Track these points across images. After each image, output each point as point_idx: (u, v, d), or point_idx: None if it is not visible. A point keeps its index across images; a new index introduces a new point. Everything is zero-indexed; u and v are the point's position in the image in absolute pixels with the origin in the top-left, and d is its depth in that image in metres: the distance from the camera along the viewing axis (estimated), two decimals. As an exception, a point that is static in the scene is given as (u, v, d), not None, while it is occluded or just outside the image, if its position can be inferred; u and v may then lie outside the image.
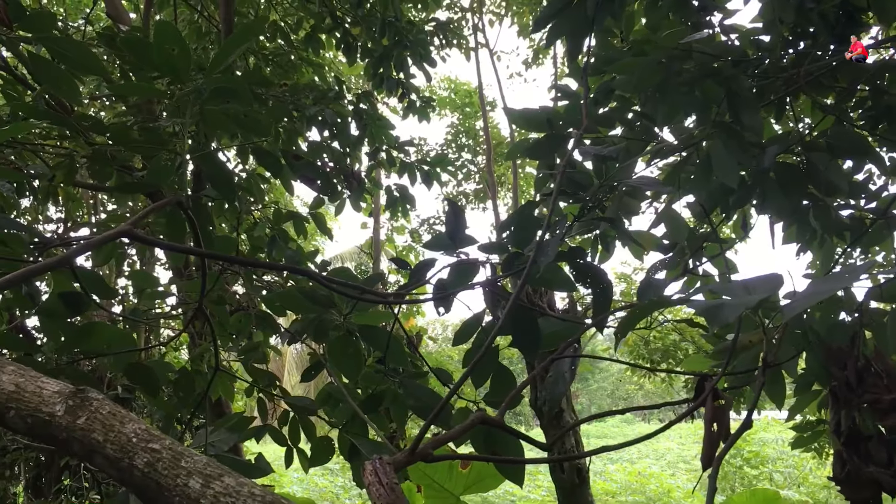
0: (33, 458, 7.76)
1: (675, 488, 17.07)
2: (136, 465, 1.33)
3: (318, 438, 3.07)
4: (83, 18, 7.81)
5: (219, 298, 3.16)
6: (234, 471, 2.61)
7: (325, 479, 18.62)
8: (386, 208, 6.22)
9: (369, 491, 1.41)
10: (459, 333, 2.97)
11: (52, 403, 1.42)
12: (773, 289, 1.48)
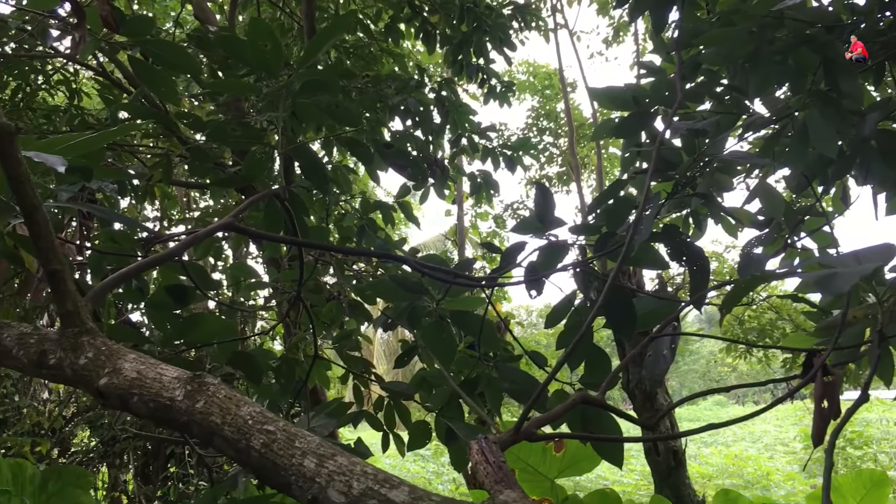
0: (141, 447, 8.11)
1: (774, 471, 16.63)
2: (253, 446, 1.38)
3: (415, 423, 3.12)
4: (172, 21, 8.09)
5: (315, 287, 3.24)
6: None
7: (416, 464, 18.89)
8: (470, 195, 6.24)
9: (476, 470, 1.42)
10: (551, 316, 2.96)
11: (171, 389, 1.49)
12: (887, 258, 1.42)
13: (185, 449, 7.56)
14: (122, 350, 1.60)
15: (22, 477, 4.46)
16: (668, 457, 6.04)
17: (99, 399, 1.54)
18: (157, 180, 4.72)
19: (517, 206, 17.61)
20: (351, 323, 3.96)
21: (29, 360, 1.66)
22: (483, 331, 2.83)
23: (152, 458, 7.99)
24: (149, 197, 5.75)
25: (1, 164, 1.54)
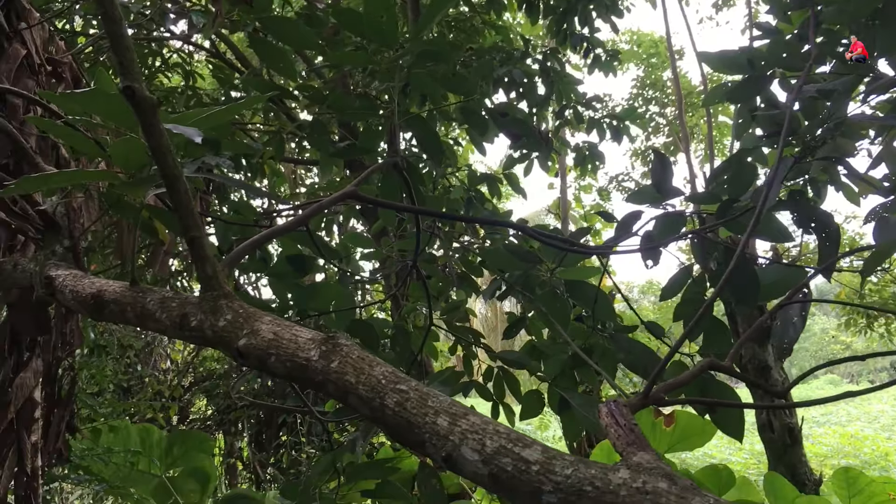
0: (255, 416, 8.45)
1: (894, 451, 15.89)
2: (387, 405, 1.42)
3: (528, 392, 3.13)
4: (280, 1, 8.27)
5: (430, 257, 3.28)
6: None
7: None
8: (575, 166, 6.17)
9: (607, 432, 1.42)
10: (667, 288, 2.91)
11: (307, 349, 1.54)
12: None
13: (296, 418, 7.82)
14: (259, 313, 1.66)
15: (149, 440, 4.71)
16: (783, 434, 5.84)
17: (238, 359, 1.61)
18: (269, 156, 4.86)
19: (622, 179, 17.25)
20: (460, 294, 3.99)
21: (171, 323, 1.75)
22: (599, 300, 2.81)
23: (265, 426, 8.30)
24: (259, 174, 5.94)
25: (144, 135, 1.62)
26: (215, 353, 9.23)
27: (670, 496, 1.21)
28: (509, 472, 1.29)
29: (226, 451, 8.73)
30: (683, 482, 1.24)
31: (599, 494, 1.23)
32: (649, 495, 1.21)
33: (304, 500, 3.08)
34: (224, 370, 8.94)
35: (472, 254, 4.22)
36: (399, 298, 4.45)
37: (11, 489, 2.89)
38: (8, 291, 2.73)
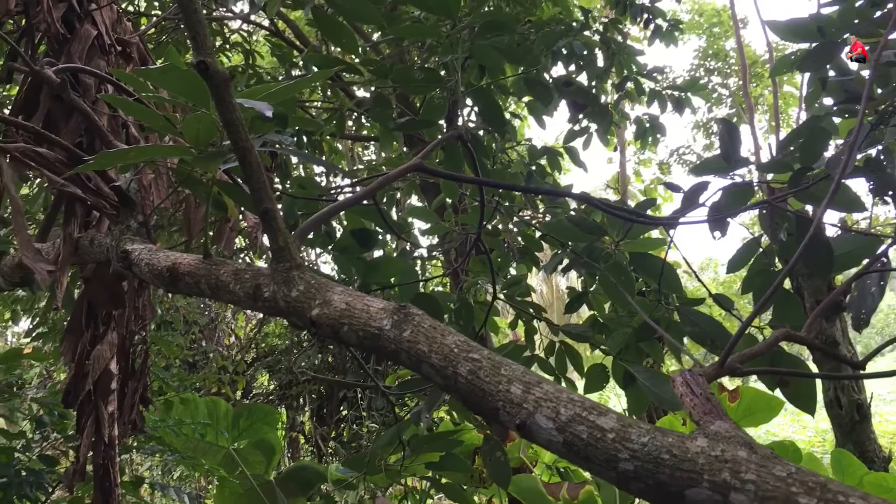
0: (316, 391, 8.60)
1: (966, 429, 15.44)
2: (460, 373, 1.43)
3: (592, 366, 3.11)
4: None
5: (493, 230, 3.28)
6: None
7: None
8: (635, 139, 6.07)
9: (682, 402, 1.41)
10: (735, 260, 2.86)
11: (379, 319, 1.56)
12: None
13: (356, 393, 7.93)
14: (330, 283, 1.69)
15: (217, 413, 4.83)
16: (851, 410, 5.71)
17: (311, 329, 1.63)
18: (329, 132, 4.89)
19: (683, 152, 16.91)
20: (521, 268, 3.98)
21: (245, 294, 1.79)
22: (665, 272, 2.77)
23: (326, 401, 8.45)
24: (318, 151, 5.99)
25: (217, 109, 1.64)
26: (277, 329, 9.41)
27: (750, 464, 1.19)
28: (584, 440, 1.29)
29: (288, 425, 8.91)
30: (764, 451, 1.22)
31: (677, 462, 1.22)
32: (728, 463, 1.20)
33: (369, 471, 3.13)
34: (285, 346, 9.11)
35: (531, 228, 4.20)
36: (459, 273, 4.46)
37: (90, 458, 3.00)
38: (84, 266, 2.82)
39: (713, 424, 1.30)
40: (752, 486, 1.17)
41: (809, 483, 1.15)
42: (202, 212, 3.16)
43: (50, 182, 2.38)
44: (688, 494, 1.21)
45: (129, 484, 3.44)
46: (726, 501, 1.18)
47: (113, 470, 2.88)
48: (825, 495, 1.12)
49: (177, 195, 3.59)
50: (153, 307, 3.18)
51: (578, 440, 1.29)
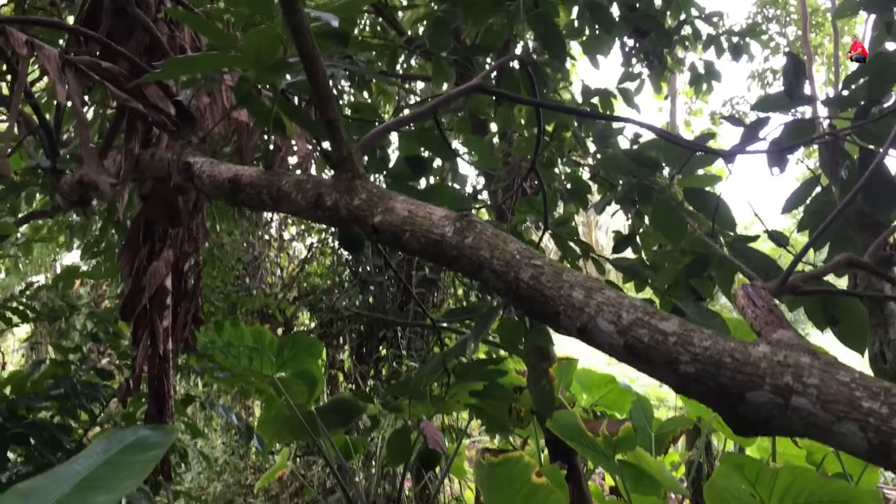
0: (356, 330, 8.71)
1: None
2: (522, 279, 1.45)
3: (640, 301, 3.11)
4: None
5: (547, 161, 3.27)
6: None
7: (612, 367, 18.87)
8: (690, 84, 5.95)
9: (744, 314, 1.41)
10: (792, 199, 2.82)
11: (441, 226, 1.57)
12: None
13: (396, 332, 8.02)
14: (392, 192, 1.71)
15: (262, 342, 4.92)
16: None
17: (374, 236, 1.66)
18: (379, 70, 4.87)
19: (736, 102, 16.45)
20: (569, 208, 3.96)
21: (307, 203, 1.82)
22: (720, 208, 2.75)
23: (366, 339, 8.55)
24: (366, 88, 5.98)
25: (285, 13, 1.65)
26: (319, 269, 9.51)
27: (813, 369, 1.20)
28: (645, 343, 1.30)
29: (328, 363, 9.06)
30: (827, 357, 1.22)
31: (738, 366, 1.23)
32: (791, 368, 1.21)
33: (415, 396, 3.18)
34: (327, 286, 9.21)
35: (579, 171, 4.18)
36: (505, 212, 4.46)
37: (145, 376, 3.10)
38: (142, 183, 2.88)
39: (776, 333, 1.30)
40: (814, 389, 1.17)
41: (874, 388, 1.15)
42: (255, 138, 3.19)
43: (113, 96, 2.42)
44: (748, 397, 1.22)
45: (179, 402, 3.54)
46: (788, 404, 1.19)
47: (167, 382, 2.97)
48: (889, 399, 1.13)
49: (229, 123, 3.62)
50: (206, 229, 3.25)
51: (639, 343, 1.31)
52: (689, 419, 5.63)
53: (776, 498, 3.40)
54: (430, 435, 2.97)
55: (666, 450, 5.71)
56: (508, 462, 2.64)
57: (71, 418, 3.15)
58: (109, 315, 3.56)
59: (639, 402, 5.38)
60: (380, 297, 8.42)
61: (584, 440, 3.83)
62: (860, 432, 1.12)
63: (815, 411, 1.16)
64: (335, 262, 9.04)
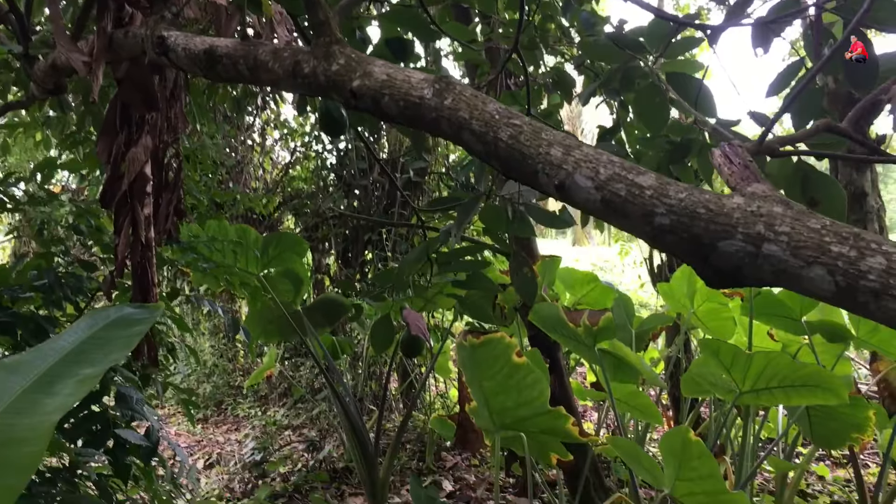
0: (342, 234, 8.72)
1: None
2: (501, 138, 1.44)
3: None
4: None
5: (530, 42, 3.22)
6: (543, 218, 2.74)
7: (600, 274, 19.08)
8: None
9: (720, 171, 1.42)
10: (776, 82, 2.80)
11: (420, 88, 1.56)
12: None
13: (381, 235, 8.04)
14: (370, 57, 1.68)
15: (246, 239, 4.91)
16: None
17: (352, 101, 1.64)
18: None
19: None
20: (553, 98, 3.93)
21: (284, 72, 1.79)
22: (702, 93, 2.73)
23: (352, 243, 8.57)
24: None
25: None
26: (303, 174, 9.45)
27: (785, 218, 1.21)
28: (622, 197, 1.31)
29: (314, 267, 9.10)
30: (799, 207, 1.24)
31: (712, 216, 1.25)
32: (763, 217, 1.22)
33: (398, 285, 3.21)
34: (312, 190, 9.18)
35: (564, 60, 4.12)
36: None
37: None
38: (117, 66, 2.82)
39: (750, 186, 1.31)
40: (785, 237, 1.19)
41: (843, 233, 1.17)
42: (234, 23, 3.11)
43: (83, -29, 2.34)
44: (720, 246, 1.24)
45: (165, 296, 3.56)
46: (759, 252, 1.21)
47: (150, 271, 2.98)
48: (858, 243, 1.15)
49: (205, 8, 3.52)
50: (186, 117, 3.20)
51: (616, 197, 1.32)
52: (669, 316, 5.74)
53: (750, 381, 3.50)
54: (413, 321, 3.01)
55: (646, 346, 5.84)
56: (490, 343, 2.69)
57: (56, 309, 3.17)
58: (91, 207, 3.55)
59: (620, 299, 5.46)
60: (365, 201, 8.41)
61: (565, 331, 3.90)
62: (828, 276, 1.15)
63: (785, 258, 1.18)
64: (319, 167, 8.97)
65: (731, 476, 4.50)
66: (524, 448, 3.00)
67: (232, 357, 9.61)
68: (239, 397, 8.89)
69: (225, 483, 5.93)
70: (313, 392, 7.63)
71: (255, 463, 6.14)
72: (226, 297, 9.22)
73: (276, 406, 8.19)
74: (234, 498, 5.60)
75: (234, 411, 8.47)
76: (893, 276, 1.09)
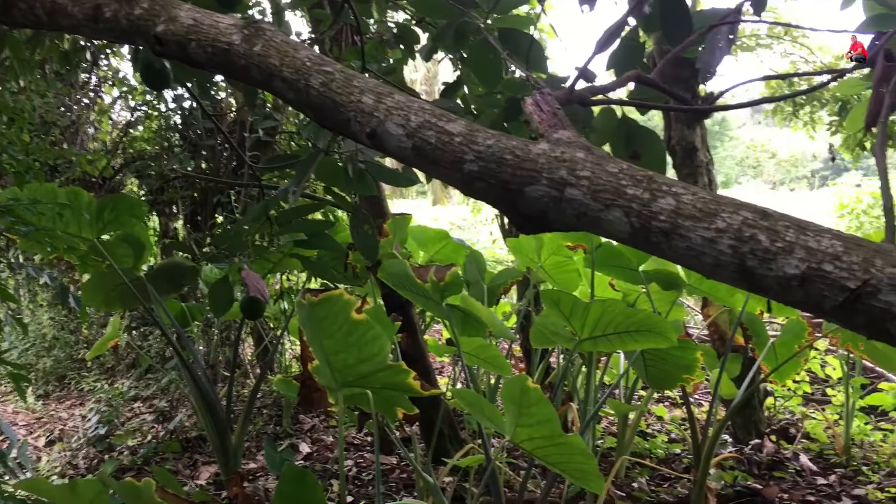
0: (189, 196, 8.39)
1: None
2: (312, 86, 1.41)
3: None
4: None
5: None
6: (384, 176, 2.72)
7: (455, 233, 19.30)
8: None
9: (531, 119, 1.44)
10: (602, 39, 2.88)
11: (229, 34, 1.49)
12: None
13: (230, 197, 7.80)
14: (176, 1, 1.59)
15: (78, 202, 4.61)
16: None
17: (157, 47, 1.55)
18: None
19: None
20: (395, 54, 3.89)
21: (84, 16, 1.67)
22: (533, 50, 2.77)
23: (200, 207, 8.26)
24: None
25: None
26: (146, 134, 9.00)
27: (586, 163, 1.25)
28: (433, 144, 1.31)
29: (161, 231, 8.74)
30: (600, 152, 1.28)
31: (519, 162, 1.27)
32: (566, 163, 1.25)
33: (236, 247, 3.12)
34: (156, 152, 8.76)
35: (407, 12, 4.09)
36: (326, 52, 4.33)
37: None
38: None
39: (556, 133, 1.34)
40: (586, 181, 1.23)
41: (638, 176, 1.21)
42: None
43: None
44: (527, 191, 1.26)
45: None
46: (562, 196, 1.24)
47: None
48: (651, 185, 1.19)
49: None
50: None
51: (427, 145, 1.31)
52: (519, 271, 5.89)
53: (588, 329, 3.65)
54: (252, 283, 2.93)
55: (498, 300, 5.99)
56: (329, 300, 2.66)
57: None
58: None
59: (472, 256, 5.55)
60: (213, 162, 8.11)
61: (413, 287, 3.92)
62: (624, 217, 1.19)
63: (586, 201, 1.22)
64: (163, 126, 8.56)
65: (578, 421, 4.72)
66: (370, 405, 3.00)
67: (74, 329, 9.11)
68: (84, 370, 8.46)
69: (68, 460, 5.64)
70: (163, 361, 7.36)
71: (99, 437, 5.88)
72: (65, 265, 8.70)
73: (124, 378, 7.85)
74: (78, 474, 5.34)
75: (79, 385, 8.06)
76: (682, 216, 1.14)
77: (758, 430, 5.24)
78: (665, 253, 1.17)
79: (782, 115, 8.70)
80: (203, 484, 5.03)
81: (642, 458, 5.06)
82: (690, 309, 8.63)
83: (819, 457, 5.01)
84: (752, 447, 5.02)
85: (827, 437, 5.26)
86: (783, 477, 4.62)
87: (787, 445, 5.17)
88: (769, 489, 4.31)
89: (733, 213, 1.12)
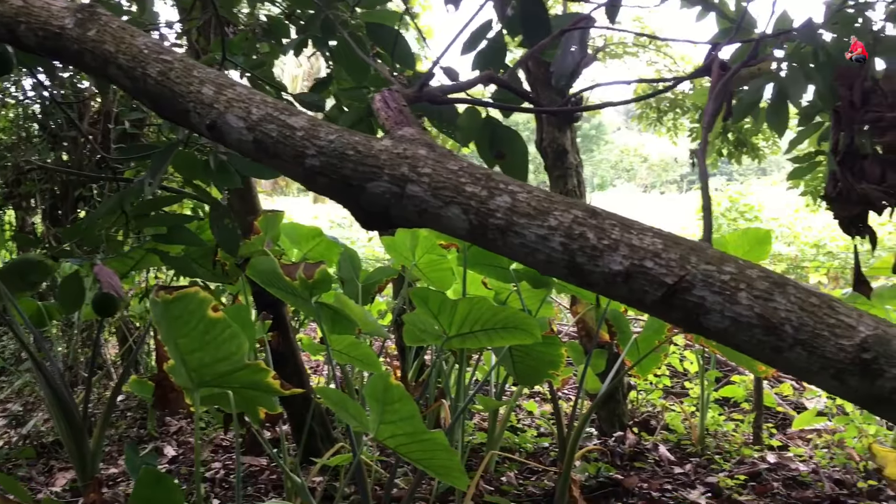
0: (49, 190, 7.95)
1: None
2: (150, 74, 1.35)
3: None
4: None
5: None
6: (248, 169, 2.67)
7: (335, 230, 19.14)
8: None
9: (378, 116, 1.44)
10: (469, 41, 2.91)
11: (61, 17, 1.42)
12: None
13: (92, 190, 7.44)
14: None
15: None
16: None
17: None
18: None
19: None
20: (264, 47, 3.81)
21: None
22: (398, 44, 2.77)
23: (61, 200, 7.85)
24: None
25: None
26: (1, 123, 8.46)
27: (428, 160, 1.25)
28: (274, 138, 1.29)
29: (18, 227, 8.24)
30: (442, 149, 1.29)
31: (361, 158, 1.26)
32: (408, 160, 1.26)
33: (88, 242, 2.98)
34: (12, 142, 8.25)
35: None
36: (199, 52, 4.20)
37: None
38: None
39: (401, 130, 1.34)
40: (427, 178, 1.23)
41: (477, 174, 1.23)
42: None
43: None
44: (369, 188, 1.26)
45: None
46: (403, 193, 1.24)
47: None
48: (489, 184, 1.21)
49: None
50: None
51: (268, 138, 1.29)
52: (394, 269, 5.89)
53: (456, 326, 3.69)
54: (105, 278, 2.80)
55: (372, 298, 5.97)
56: (184, 298, 2.56)
57: None
58: None
59: (346, 253, 5.50)
60: (75, 154, 7.71)
61: (282, 284, 3.85)
62: (463, 214, 1.20)
63: (426, 198, 1.22)
64: (20, 116, 8.07)
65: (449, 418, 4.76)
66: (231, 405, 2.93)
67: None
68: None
69: None
70: (18, 363, 6.94)
71: (-58, 446, 5.49)
72: None
73: (-26, 382, 7.36)
74: (-82, 487, 4.96)
75: (-77, 391, 7.49)
76: (517, 214, 1.17)
77: (621, 422, 5.44)
78: (501, 249, 1.19)
79: (647, 121, 9.08)
80: (59, 491, 4.78)
81: (512, 452, 5.16)
82: (563, 307, 8.87)
83: (677, 447, 5.25)
84: (615, 439, 5.21)
85: (684, 427, 5.52)
86: (643, 467, 4.81)
87: (647, 437, 5.39)
88: (629, 479, 4.48)
89: (565, 211, 1.15)
